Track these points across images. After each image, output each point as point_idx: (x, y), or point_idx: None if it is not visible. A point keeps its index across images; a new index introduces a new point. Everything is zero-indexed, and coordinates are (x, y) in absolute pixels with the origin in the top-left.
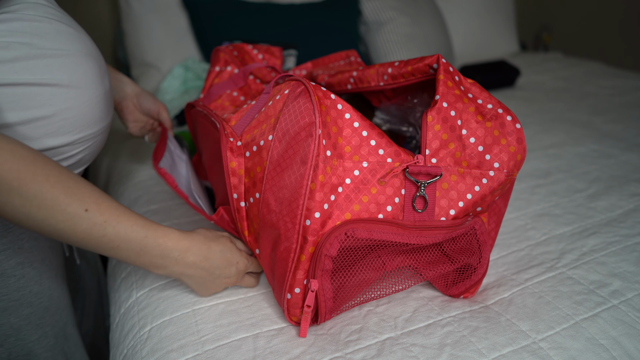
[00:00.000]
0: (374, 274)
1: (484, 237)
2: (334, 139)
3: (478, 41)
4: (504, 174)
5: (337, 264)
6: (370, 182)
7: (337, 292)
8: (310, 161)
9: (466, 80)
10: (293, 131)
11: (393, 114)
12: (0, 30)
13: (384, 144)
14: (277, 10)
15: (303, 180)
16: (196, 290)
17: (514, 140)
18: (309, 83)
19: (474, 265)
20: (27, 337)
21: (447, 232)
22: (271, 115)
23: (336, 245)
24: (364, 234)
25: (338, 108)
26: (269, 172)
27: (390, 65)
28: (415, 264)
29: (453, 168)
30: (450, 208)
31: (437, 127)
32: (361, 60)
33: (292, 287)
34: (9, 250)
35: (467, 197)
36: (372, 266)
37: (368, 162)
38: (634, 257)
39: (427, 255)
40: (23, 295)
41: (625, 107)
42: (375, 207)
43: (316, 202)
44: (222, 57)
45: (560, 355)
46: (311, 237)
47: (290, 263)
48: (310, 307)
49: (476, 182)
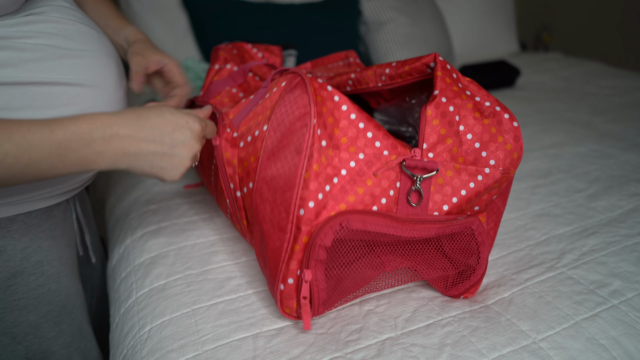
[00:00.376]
0: (372, 272)
1: (482, 237)
2: (330, 130)
3: (478, 41)
4: (499, 172)
5: (332, 257)
6: (366, 174)
7: (334, 288)
8: (305, 150)
9: (464, 78)
10: (288, 121)
11: (392, 115)
12: (27, 31)
13: (380, 136)
14: (277, 10)
15: (297, 169)
16: (160, 173)
17: (510, 138)
18: (305, 75)
19: (472, 266)
20: (45, 334)
21: (440, 226)
22: (267, 107)
23: (330, 236)
24: (358, 225)
25: (335, 100)
26: (263, 161)
27: (387, 66)
28: (415, 266)
29: (449, 164)
30: (444, 203)
31: (436, 121)
32: (360, 61)
33: (285, 278)
34: (29, 249)
35: (461, 194)
36: (370, 264)
37: (364, 154)
38: (634, 257)
39: (426, 256)
40: (42, 293)
41: (625, 107)
42: (370, 199)
43: (310, 191)
44: (222, 55)
45: (560, 355)
46: (305, 227)
47: (284, 253)
48: (306, 299)
49: (471, 179)
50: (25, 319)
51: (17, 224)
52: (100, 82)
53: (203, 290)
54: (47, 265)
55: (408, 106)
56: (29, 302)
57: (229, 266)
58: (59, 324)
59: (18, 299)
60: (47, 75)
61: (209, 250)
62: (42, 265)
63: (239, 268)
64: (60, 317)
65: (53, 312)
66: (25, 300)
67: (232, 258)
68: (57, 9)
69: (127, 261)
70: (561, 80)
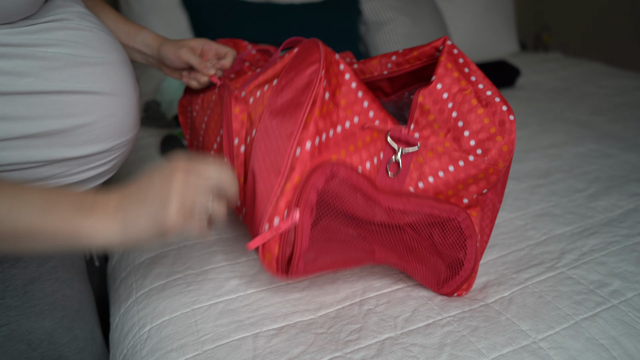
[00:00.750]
0: (362, 255)
1: (469, 231)
2: (333, 88)
3: (478, 41)
4: (484, 162)
5: (320, 210)
6: (358, 137)
7: (319, 249)
8: (311, 91)
9: (472, 63)
10: (299, 69)
11: (389, 111)
12: (48, 39)
13: (375, 107)
14: (277, 10)
15: (301, 109)
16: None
17: (503, 131)
18: (317, 40)
19: (461, 259)
20: (59, 340)
21: (417, 202)
22: (278, 68)
23: (322, 179)
24: (346, 174)
25: (340, 68)
26: (271, 101)
27: (394, 54)
28: (404, 264)
29: (433, 146)
30: (420, 180)
31: (426, 107)
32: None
33: (272, 217)
34: (44, 255)
35: (438, 174)
36: (361, 247)
37: (359, 118)
38: (634, 257)
39: (415, 247)
40: (57, 299)
41: (625, 107)
42: (357, 159)
43: (309, 132)
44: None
45: (560, 355)
46: (299, 167)
47: (277, 188)
48: (281, 230)
49: (452, 163)
50: (40, 325)
51: None
52: (117, 89)
53: (203, 290)
54: (61, 271)
55: (406, 101)
56: (44, 308)
57: (229, 266)
58: (72, 329)
59: (34, 305)
60: (68, 83)
61: (208, 250)
62: (57, 271)
63: (239, 268)
64: (73, 322)
65: (67, 318)
66: (41, 307)
67: (231, 258)
68: (76, 15)
69: (127, 261)
70: (561, 80)
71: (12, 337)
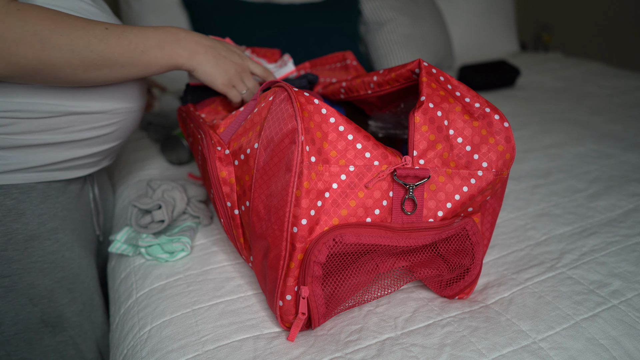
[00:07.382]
0: (367, 276)
1: (476, 238)
2: (318, 144)
3: (478, 41)
4: (492, 174)
5: (328, 269)
6: (358, 186)
7: (330, 297)
8: (294, 168)
9: (452, 79)
10: (277, 138)
11: (387, 120)
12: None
13: (370, 146)
14: (277, 10)
15: (288, 187)
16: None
17: (502, 139)
18: (291, 89)
19: (467, 266)
20: (59, 299)
21: (436, 233)
22: (257, 122)
23: (325, 252)
24: (353, 238)
25: (322, 112)
26: (256, 180)
27: (375, 74)
28: (409, 265)
29: (441, 169)
30: (439, 209)
31: (425, 127)
32: (357, 62)
33: (284, 294)
34: (46, 216)
35: (455, 198)
36: (365, 269)
37: (355, 166)
38: (634, 257)
39: (420, 257)
40: (57, 259)
41: (625, 107)
42: (363, 211)
43: (302, 208)
44: None
45: (561, 355)
46: (299, 244)
47: (280, 270)
48: (305, 315)
49: (464, 183)
50: (41, 282)
51: (36, 192)
52: (130, 100)
53: (203, 290)
54: (61, 233)
55: (403, 111)
56: (44, 266)
57: (229, 266)
58: (72, 291)
59: (35, 262)
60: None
61: (209, 250)
62: (57, 232)
63: (239, 268)
64: (73, 285)
65: (67, 279)
66: (41, 264)
67: (232, 258)
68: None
69: (127, 261)
70: (561, 80)
71: (13, 289)
